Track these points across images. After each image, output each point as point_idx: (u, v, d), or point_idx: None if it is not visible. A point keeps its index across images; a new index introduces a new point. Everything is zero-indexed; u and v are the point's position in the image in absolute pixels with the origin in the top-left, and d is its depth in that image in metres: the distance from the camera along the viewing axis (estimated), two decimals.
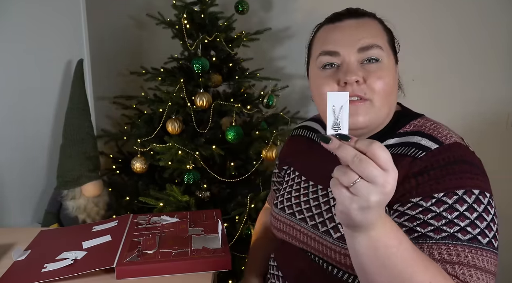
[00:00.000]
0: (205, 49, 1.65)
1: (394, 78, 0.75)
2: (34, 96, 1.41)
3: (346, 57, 0.73)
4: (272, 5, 1.98)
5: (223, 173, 1.61)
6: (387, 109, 0.75)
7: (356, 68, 0.72)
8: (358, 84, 0.71)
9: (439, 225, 0.64)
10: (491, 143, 1.81)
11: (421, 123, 0.76)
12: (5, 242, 0.99)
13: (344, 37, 0.74)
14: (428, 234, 0.64)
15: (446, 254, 0.62)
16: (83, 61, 1.48)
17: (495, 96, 1.77)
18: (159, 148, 1.48)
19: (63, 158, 1.43)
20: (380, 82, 0.71)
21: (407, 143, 0.72)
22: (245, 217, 1.49)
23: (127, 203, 1.64)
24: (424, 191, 0.66)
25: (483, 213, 0.64)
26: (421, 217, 0.65)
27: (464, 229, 0.63)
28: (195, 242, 0.94)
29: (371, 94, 0.72)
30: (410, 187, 0.68)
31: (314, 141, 0.92)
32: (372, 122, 0.74)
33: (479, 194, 0.65)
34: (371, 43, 0.73)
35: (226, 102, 1.56)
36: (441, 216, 0.64)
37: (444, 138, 0.70)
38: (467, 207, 0.64)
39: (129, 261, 0.85)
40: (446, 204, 0.64)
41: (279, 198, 0.91)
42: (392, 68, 0.75)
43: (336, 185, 0.49)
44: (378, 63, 0.73)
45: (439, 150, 0.68)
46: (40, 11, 1.39)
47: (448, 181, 0.65)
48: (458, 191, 0.64)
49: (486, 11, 1.71)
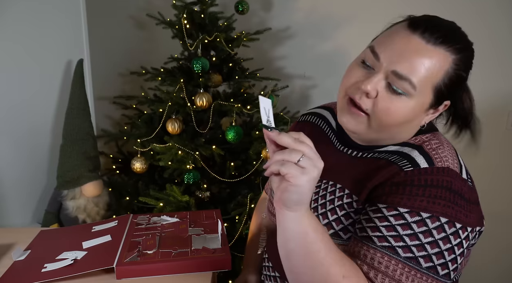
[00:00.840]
0: (205, 49, 1.65)
1: (410, 116, 0.69)
2: (34, 96, 1.41)
3: (382, 67, 0.67)
4: (272, 5, 1.98)
5: (223, 173, 1.61)
6: (387, 135, 0.73)
7: (379, 83, 0.67)
8: (367, 97, 0.69)
9: (387, 234, 0.64)
10: (491, 143, 1.81)
11: (428, 139, 0.74)
12: (5, 242, 0.99)
13: (400, 47, 0.66)
14: (372, 238, 0.65)
15: (377, 261, 0.64)
16: (83, 61, 1.48)
17: (495, 96, 1.77)
18: (159, 148, 1.48)
19: (63, 158, 1.43)
20: (386, 113, 0.68)
21: (404, 154, 0.71)
22: (245, 217, 1.49)
23: (127, 203, 1.64)
24: (392, 201, 0.66)
25: (440, 240, 0.63)
26: (376, 221, 0.66)
27: (408, 247, 0.63)
28: (195, 242, 0.94)
29: (372, 114, 0.69)
30: (383, 192, 0.68)
31: (321, 128, 0.91)
32: (362, 135, 0.74)
33: (445, 223, 0.63)
34: (407, 76, 0.65)
35: (226, 102, 1.56)
36: (393, 228, 0.64)
37: (438, 160, 0.68)
38: (424, 230, 0.63)
39: (129, 261, 0.85)
40: (405, 220, 0.64)
41: None
42: (417, 108, 0.69)
43: (285, 164, 0.54)
44: (404, 97, 0.67)
45: (426, 170, 0.67)
46: (40, 11, 1.39)
47: (419, 202, 0.64)
48: (423, 213, 0.63)
49: (486, 11, 1.71)
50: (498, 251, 1.86)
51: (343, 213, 0.73)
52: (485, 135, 1.81)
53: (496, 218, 1.84)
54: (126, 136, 1.74)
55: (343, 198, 0.74)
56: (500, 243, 1.85)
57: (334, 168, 0.79)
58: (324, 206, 0.77)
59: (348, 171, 0.76)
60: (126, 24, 2.07)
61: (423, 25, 0.66)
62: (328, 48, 1.94)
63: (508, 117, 1.78)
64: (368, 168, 0.73)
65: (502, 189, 1.84)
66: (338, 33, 1.91)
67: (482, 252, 1.92)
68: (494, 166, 1.83)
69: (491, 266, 1.88)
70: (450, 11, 1.77)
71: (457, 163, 0.70)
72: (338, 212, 0.73)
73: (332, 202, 0.75)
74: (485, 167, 1.83)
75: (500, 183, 1.84)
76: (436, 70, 0.66)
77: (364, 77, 0.70)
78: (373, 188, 0.71)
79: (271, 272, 0.91)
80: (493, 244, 1.85)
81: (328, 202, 0.76)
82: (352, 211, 0.72)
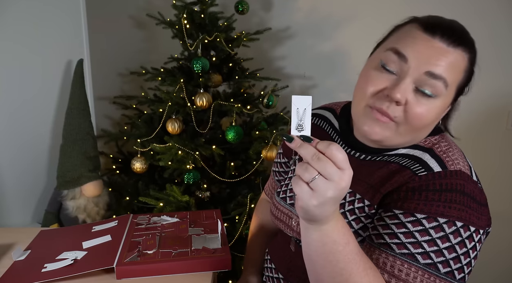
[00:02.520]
0: (205, 49, 1.65)
1: (436, 116, 0.70)
2: (34, 96, 1.41)
3: (410, 70, 0.66)
4: (272, 5, 1.98)
5: (223, 173, 1.61)
6: (410, 138, 0.72)
7: (408, 89, 0.66)
8: (396, 105, 0.67)
9: (405, 241, 0.64)
10: (491, 142, 1.81)
11: (437, 141, 0.74)
12: (5, 242, 0.99)
13: (425, 50, 0.66)
14: (391, 245, 0.65)
15: (397, 269, 0.64)
16: (83, 61, 1.48)
17: (495, 96, 1.77)
18: (159, 148, 1.48)
19: (63, 158, 1.43)
20: (419, 118, 0.67)
21: (415, 157, 0.71)
22: (245, 217, 1.49)
23: (127, 203, 1.64)
24: (408, 207, 0.66)
25: (456, 245, 0.63)
26: (393, 228, 0.66)
27: (427, 253, 0.63)
28: (195, 242, 0.94)
29: (402, 121, 0.68)
30: (398, 198, 0.68)
31: (323, 130, 0.89)
32: (386, 141, 0.71)
33: (461, 227, 0.64)
34: (442, 75, 0.65)
35: (226, 102, 1.56)
36: (411, 234, 0.64)
37: (450, 163, 0.68)
38: (442, 236, 0.63)
39: (129, 261, 0.85)
40: (423, 226, 0.64)
41: (283, 187, 0.91)
42: (442, 108, 0.70)
43: (298, 182, 0.53)
44: (432, 99, 0.67)
45: (439, 174, 0.67)
46: (40, 11, 1.39)
47: (436, 207, 0.64)
48: (440, 218, 0.64)
49: (486, 10, 1.71)
50: (498, 251, 1.86)
51: (353, 218, 0.73)
52: (485, 135, 1.82)
53: (496, 218, 1.83)
54: (126, 136, 1.74)
55: (354, 202, 0.74)
56: (500, 243, 1.85)
57: None
58: None
59: (358, 175, 0.75)
60: (126, 24, 2.07)
61: (439, 29, 0.67)
62: (328, 48, 1.94)
63: (508, 117, 1.78)
64: (380, 172, 0.73)
65: (503, 189, 1.84)
66: (338, 33, 1.91)
67: (482, 252, 1.92)
68: (494, 166, 1.83)
69: (491, 266, 1.88)
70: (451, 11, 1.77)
71: (467, 165, 0.70)
72: (348, 216, 0.73)
73: (343, 206, 0.75)
74: (485, 167, 1.83)
75: (500, 183, 1.84)
76: (460, 70, 0.68)
77: (390, 84, 0.68)
78: (386, 193, 0.70)
79: (273, 273, 0.91)
80: (493, 244, 1.85)
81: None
82: (363, 216, 0.72)
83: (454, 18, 0.74)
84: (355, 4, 1.85)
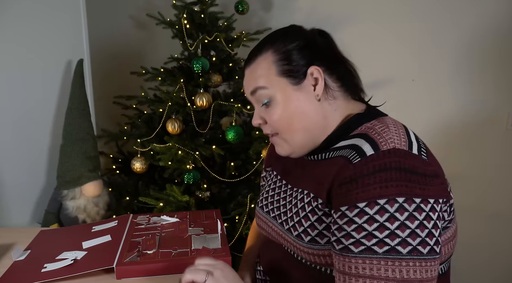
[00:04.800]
0: (205, 49, 1.65)
1: (295, 105, 0.76)
2: (34, 96, 1.41)
3: (249, 98, 0.82)
4: (272, 5, 1.98)
5: (223, 173, 1.61)
6: (302, 132, 0.77)
7: (257, 113, 0.80)
8: (263, 125, 0.80)
9: (359, 237, 0.63)
10: (491, 143, 1.81)
11: (372, 125, 0.74)
12: (5, 242, 0.99)
13: (244, 85, 0.82)
14: (349, 247, 0.65)
15: (361, 268, 0.63)
16: (83, 61, 1.48)
17: (495, 96, 1.77)
18: (159, 148, 1.48)
19: (63, 158, 1.43)
20: (276, 120, 0.77)
21: (352, 145, 0.71)
22: (245, 217, 1.49)
23: (127, 203, 1.64)
24: (350, 200, 0.65)
25: (406, 220, 0.62)
26: (346, 227, 0.65)
27: (382, 241, 0.62)
28: (195, 242, 0.94)
29: (275, 130, 0.78)
30: (340, 192, 0.68)
31: None
32: (297, 147, 0.78)
33: (403, 202, 0.62)
34: (254, 87, 0.78)
35: (226, 102, 1.56)
36: (362, 227, 0.63)
37: (383, 143, 0.67)
38: (388, 217, 0.62)
39: (129, 261, 0.85)
40: (367, 214, 0.63)
41: (260, 196, 0.94)
42: (290, 97, 0.76)
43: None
44: (269, 102, 0.77)
45: (372, 157, 0.66)
46: (40, 11, 1.39)
47: (372, 190, 0.63)
48: (379, 200, 0.62)
49: (485, 12, 1.71)
50: (498, 251, 1.86)
51: (315, 218, 0.73)
52: (485, 135, 1.82)
53: (496, 218, 1.84)
54: (126, 136, 1.74)
55: (311, 202, 0.74)
56: (500, 243, 1.85)
57: (302, 176, 0.81)
58: (298, 214, 0.77)
59: (312, 175, 0.77)
60: (126, 24, 2.07)
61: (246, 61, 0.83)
62: None
63: (508, 117, 1.78)
64: (327, 168, 0.73)
65: (502, 189, 1.84)
66: (338, 33, 1.90)
67: (482, 252, 1.92)
68: (494, 166, 1.83)
69: (491, 266, 1.88)
70: (450, 11, 1.77)
71: (404, 141, 0.69)
72: (310, 217, 0.73)
73: (304, 208, 0.75)
74: (485, 167, 1.83)
75: (500, 183, 1.84)
76: (266, 65, 0.78)
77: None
78: (330, 187, 0.70)
79: (262, 276, 0.92)
80: (493, 244, 1.85)
81: (300, 210, 0.76)
82: (323, 214, 0.72)
83: (454, 17, 0.74)
84: (355, 4, 1.85)
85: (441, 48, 1.78)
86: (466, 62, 1.77)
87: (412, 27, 1.77)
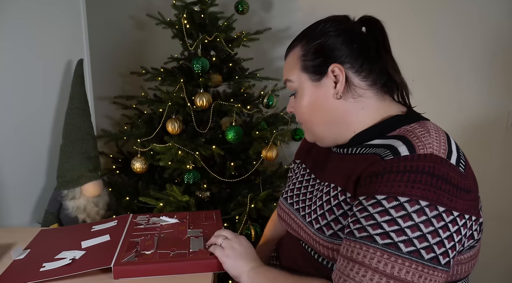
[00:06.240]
0: (205, 49, 1.65)
1: (313, 101, 0.79)
2: (34, 96, 1.41)
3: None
4: (272, 5, 1.98)
5: (223, 173, 1.61)
6: (320, 126, 0.81)
7: (290, 102, 0.86)
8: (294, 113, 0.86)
9: (365, 224, 0.63)
10: (491, 142, 1.81)
11: (412, 128, 0.71)
12: (5, 242, 0.99)
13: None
14: (353, 231, 0.65)
15: (356, 253, 0.63)
16: (83, 61, 1.48)
17: (495, 96, 1.77)
18: (159, 148, 1.48)
19: (63, 158, 1.43)
20: (298, 112, 0.83)
21: (387, 145, 0.69)
22: (245, 217, 1.49)
23: (127, 203, 1.64)
24: (370, 191, 0.65)
25: (421, 223, 0.60)
26: (357, 214, 0.65)
27: (386, 233, 0.61)
28: (193, 244, 0.94)
29: (300, 120, 0.85)
30: (364, 184, 0.67)
31: None
32: (318, 137, 0.83)
33: (426, 206, 0.60)
34: (284, 78, 0.85)
35: (226, 102, 1.56)
36: (372, 216, 0.63)
37: (421, 147, 0.66)
38: (403, 215, 0.60)
39: (126, 261, 0.85)
40: (382, 206, 0.62)
41: (285, 188, 0.96)
42: (309, 92, 0.80)
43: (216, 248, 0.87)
44: (295, 94, 0.83)
45: (405, 157, 0.64)
46: (40, 11, 1.39)
47: (396, 187, 0.62)
48: (400, 197, 0.61)
49: (486, 12, 1.70)
50: (498, 251, 1.85)
51: (340, 212, 0.72)
52: (485, 135, 1.82)
53: (496, 218, 1.84)
54: (126, 137, 1.74)
55: (338, 196, 0.74)
56: (500, 243, 1.85)
57: (331, 170, 0.81)
58: (322, 207, 0.77)
59: (341, 170, 0.77)
60: (126, 24, 2.07)
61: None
62: None
63: (508, 117, 1.77)
64: (358, 163, 0.73)
65: (503, 189, 1.84)
66: None
67: (483, 252, 1.92)
68: (494, 166, 1.82)
69: (491, 266, 1.87)
70: (450, 11, 1.77)
71: (444, 149, 0.66)
72: (335, 211, 0.73)
73: (329, 202, 0.75)
74: (485, 166, 1.83)
75: (500, 182, 1.83)
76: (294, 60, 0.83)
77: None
78: (357, 180, 0.70)
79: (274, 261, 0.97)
80: (493, 244, 1.84)
81: (325, 203, 0.76)
82: (349, 209, 0.71)
83: (455, 17, 0.74)
84: (355, 4, 1.85)
85: (441, 49, 1.78)
86: (467, 62, 1.77)
87: (413, 27, 1.76)
